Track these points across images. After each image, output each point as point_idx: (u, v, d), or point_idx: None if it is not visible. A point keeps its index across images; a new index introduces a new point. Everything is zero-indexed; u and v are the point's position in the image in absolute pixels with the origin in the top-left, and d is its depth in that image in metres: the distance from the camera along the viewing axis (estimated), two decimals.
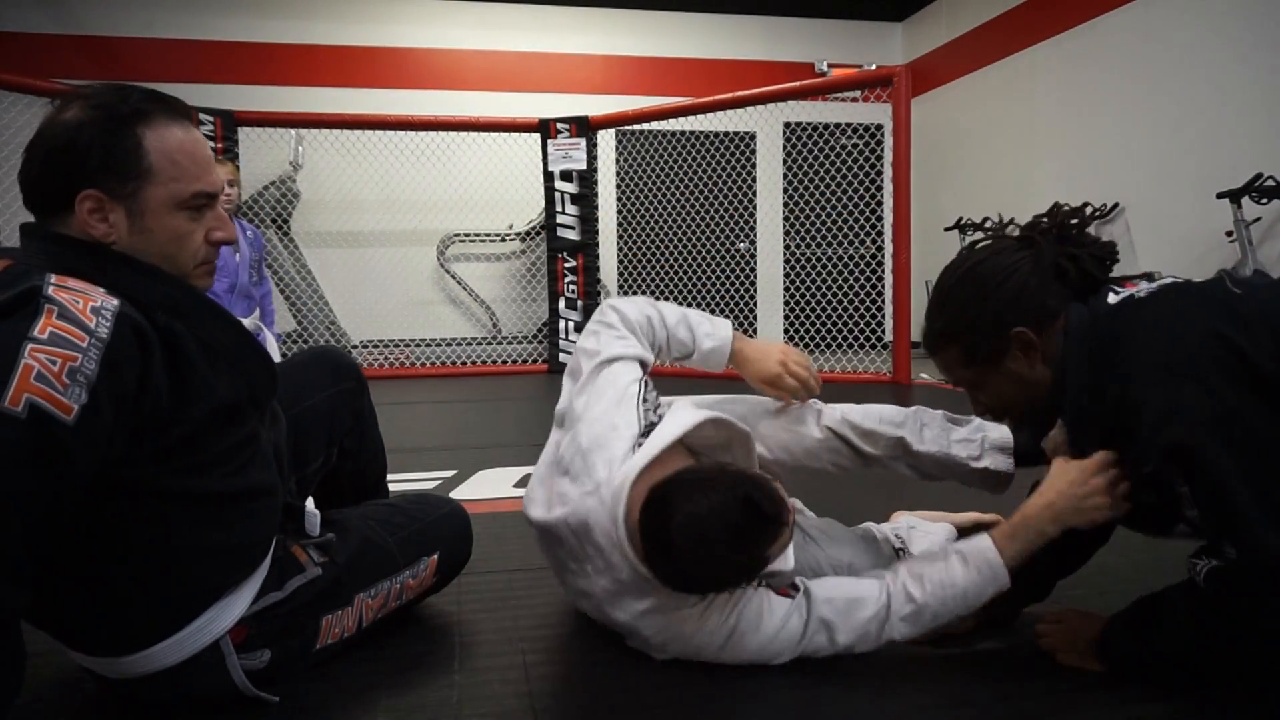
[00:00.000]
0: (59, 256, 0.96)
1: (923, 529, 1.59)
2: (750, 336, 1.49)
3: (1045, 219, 1.21)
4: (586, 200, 5.94)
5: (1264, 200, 4.24)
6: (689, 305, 1.47)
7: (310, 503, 1.26)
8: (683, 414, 1.21)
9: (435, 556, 1.38)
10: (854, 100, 7.39)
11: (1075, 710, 1.10)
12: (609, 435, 1.20)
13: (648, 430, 1.20)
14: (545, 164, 5.97)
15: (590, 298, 6.00)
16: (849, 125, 7.65)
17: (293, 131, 6.37)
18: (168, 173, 1.01)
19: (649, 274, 6.94)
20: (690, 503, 1.04)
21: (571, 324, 5.96)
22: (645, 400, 1.27)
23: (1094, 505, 1.11)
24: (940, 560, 1.15)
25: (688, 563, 1.04)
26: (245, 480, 1.07)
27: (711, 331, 1.43)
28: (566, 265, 6.00)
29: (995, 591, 1.12)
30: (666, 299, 2.07)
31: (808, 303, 6.77)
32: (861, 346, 6.04)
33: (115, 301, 0.92)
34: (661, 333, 1.40)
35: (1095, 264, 1.18)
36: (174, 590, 1.04)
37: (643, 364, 1.33)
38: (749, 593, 1.16)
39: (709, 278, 6.82)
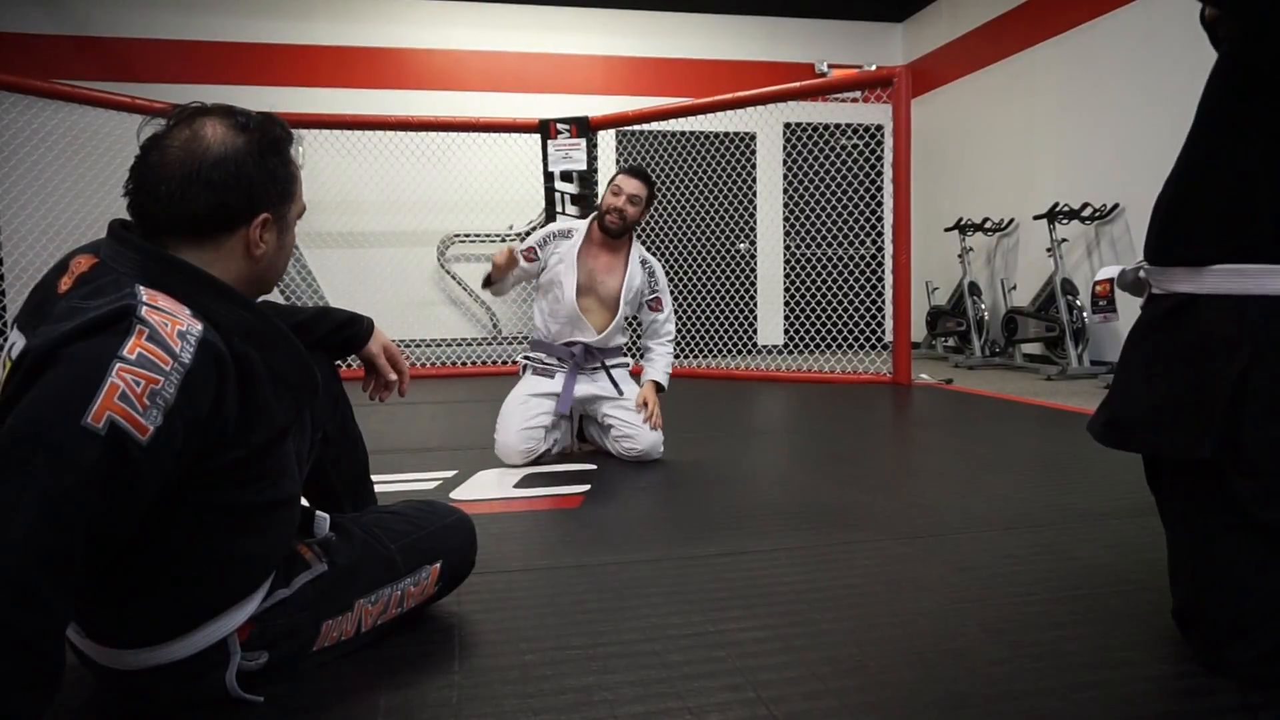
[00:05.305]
0: (149, 269, 0.97)
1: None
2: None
3: None
4: (586, 201, 5.94)
5: None
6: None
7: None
8: None
9: (437, 565, 1.38)
10: (854, 101, 7.41)
11: (1076, 710, 1.10)
12: None
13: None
14: (545, 164, 5.97)
15: None
16: (849, 126, 7.66)
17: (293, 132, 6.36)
18: (298, 190, 1.14)
19: None
20: None
21: None
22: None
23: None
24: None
25: None
26: (279, 491, 1.10)
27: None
28: None
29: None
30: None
31: (808, 303, 6.77)
32: (861, 347, 6.04)
33: (200, 326, 0.94)
34: None
35: None
36: (202, 595, 1.06)
37: None
38: None
39: (709, 278, 6.82)
